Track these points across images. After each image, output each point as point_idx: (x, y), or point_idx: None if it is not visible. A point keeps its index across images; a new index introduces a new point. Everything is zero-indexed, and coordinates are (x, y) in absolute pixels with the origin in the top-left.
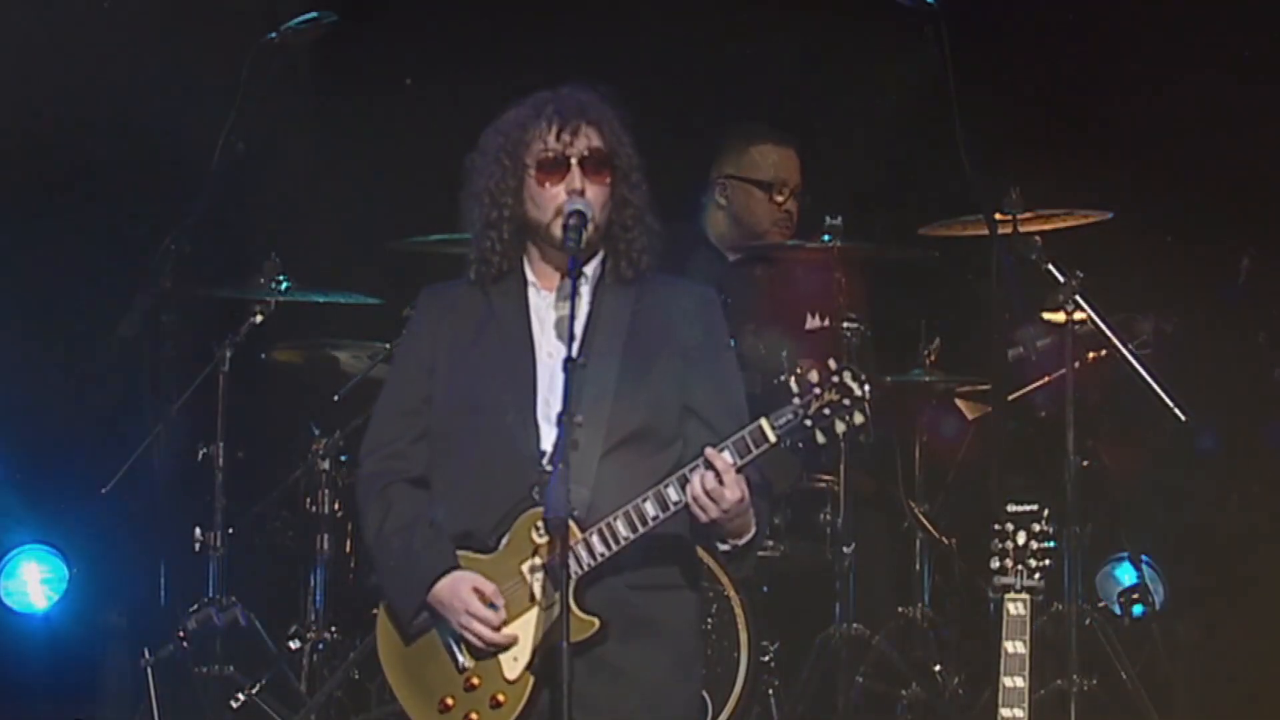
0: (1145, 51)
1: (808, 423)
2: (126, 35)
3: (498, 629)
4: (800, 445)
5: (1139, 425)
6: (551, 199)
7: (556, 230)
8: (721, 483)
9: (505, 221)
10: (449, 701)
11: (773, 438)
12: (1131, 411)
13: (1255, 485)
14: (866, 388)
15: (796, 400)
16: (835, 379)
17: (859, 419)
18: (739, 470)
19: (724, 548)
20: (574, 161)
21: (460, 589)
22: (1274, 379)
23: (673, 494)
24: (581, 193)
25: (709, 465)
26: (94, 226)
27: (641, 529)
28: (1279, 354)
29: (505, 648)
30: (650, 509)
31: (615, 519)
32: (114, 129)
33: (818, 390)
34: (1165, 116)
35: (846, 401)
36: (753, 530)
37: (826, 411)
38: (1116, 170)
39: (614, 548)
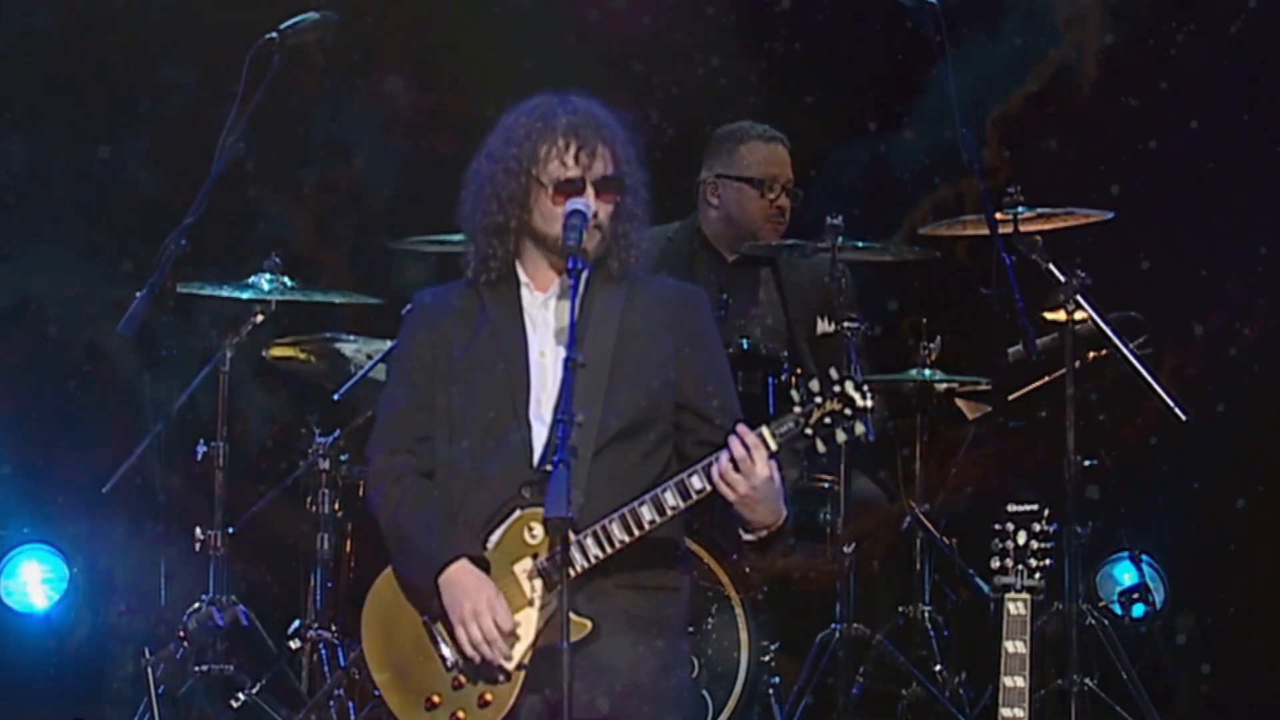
0: None
1: (808, 432)
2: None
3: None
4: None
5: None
6: (563, 215)
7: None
8: (752, 459)
9: (510, 231)
10: (435, 699)
11: (774, 445)
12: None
13: (1259, 484)
14: (870, 398)
15: (798, 409)
16: (837, 389)
17: (860, 429)
18: None
19: (749, 538)
20: (589, 183)
21: (485, 589)
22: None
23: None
24: (595, 213)
25: (738, 442)
26: (93, 226)
27: (656, 522)
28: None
29: (493, 666)
30: (647, 513)
31: (611, 521)
32: (115, 128)
33: (819, 400)
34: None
35: (848, 411)
36: (784, 515)
37: (827, 421)
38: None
39: (609, 550)
